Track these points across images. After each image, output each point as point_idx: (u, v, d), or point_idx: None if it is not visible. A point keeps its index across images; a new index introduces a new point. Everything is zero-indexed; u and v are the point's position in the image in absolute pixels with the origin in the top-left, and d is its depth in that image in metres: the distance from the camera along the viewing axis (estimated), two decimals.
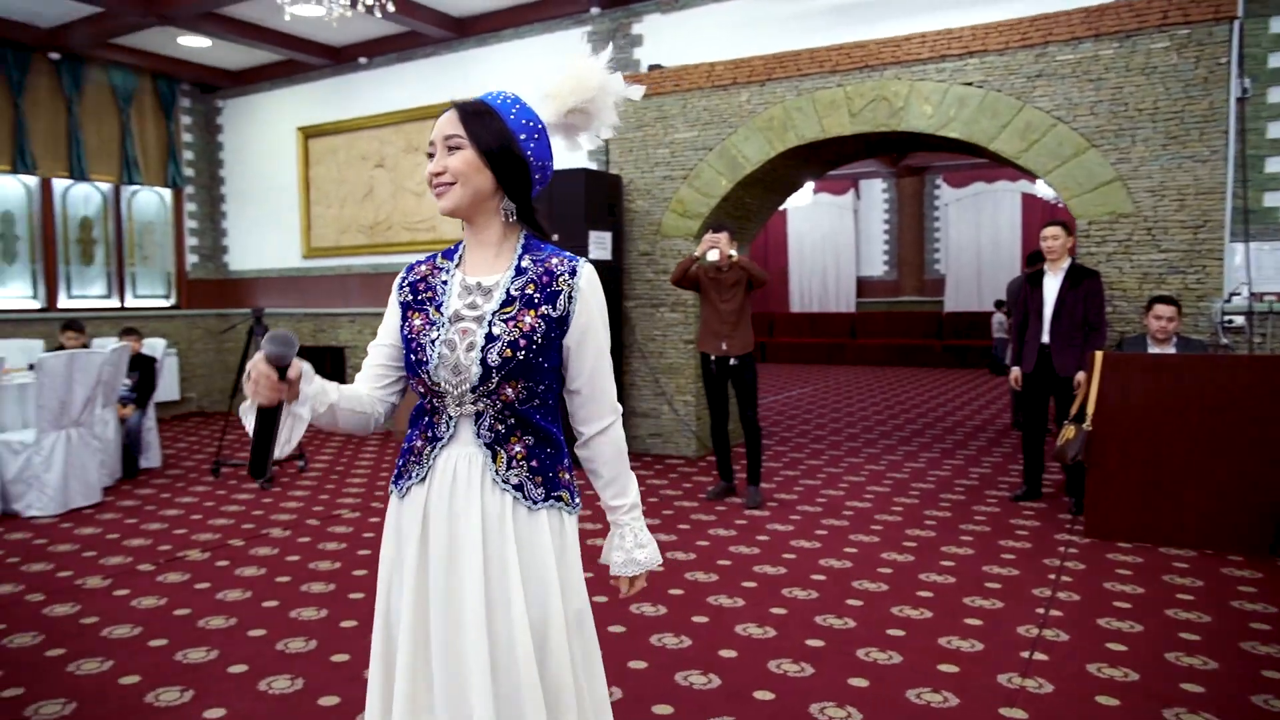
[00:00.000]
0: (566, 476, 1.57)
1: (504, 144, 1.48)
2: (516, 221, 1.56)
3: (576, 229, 6.50)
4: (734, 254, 5.18)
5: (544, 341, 1.47)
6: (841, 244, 17.45)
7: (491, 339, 1.46)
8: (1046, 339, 5.05)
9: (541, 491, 1.51)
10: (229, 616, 3.52)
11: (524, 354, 1.45)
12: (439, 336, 1.49)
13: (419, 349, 1.50)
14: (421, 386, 1.52)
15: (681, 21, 7.03)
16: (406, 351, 1.53)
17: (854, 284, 17.41)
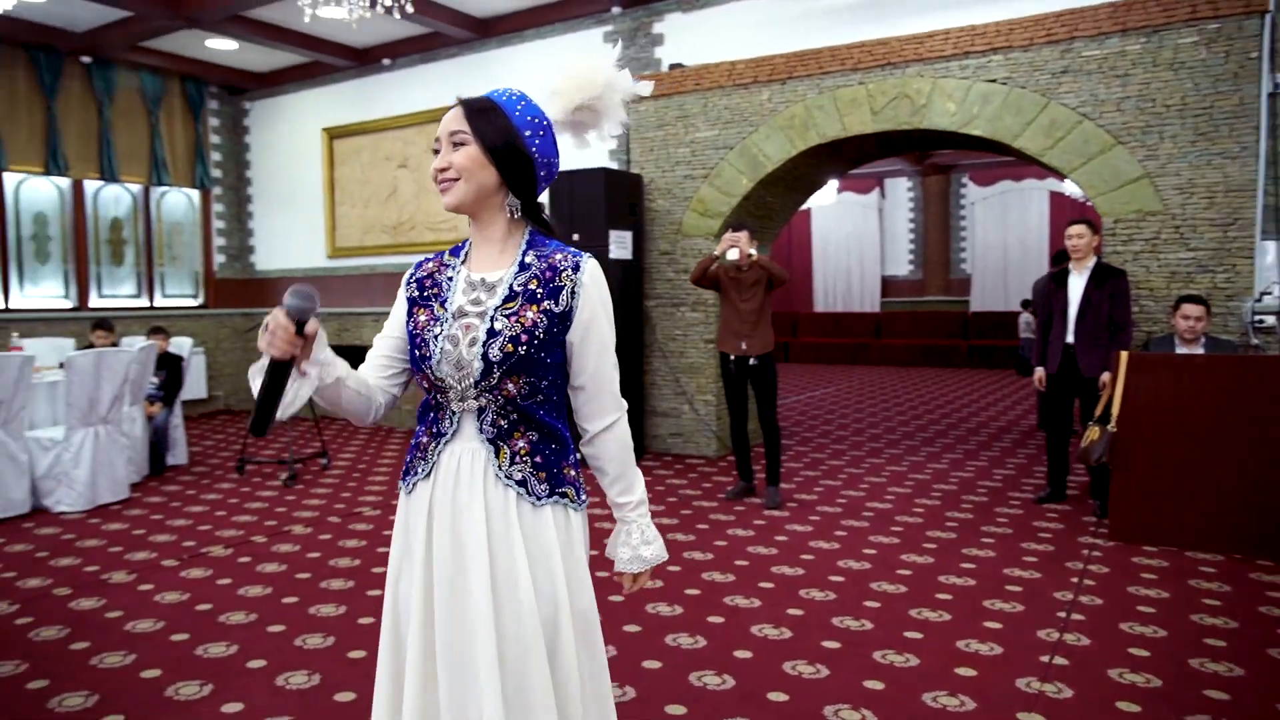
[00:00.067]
0: (572, 473, 1.56)
1: (508, 141, 1.49)
2: (521, 218, 1.57)
3: (597, 228, 6.51)
4: (753, 253, 5.16)
5: (546, 337, 1.47)
6: (866, 243, 17.33)
7: (493, 334, 1.46)
8: (1071, 339, 4.99)
9: (545, 487, 1.51)
10: (249, 612, 3.56)
11: (525, 349, 1.45)
12: (442, 332, 1.49)
13: (423, 344, 1.51)
14: (426, 382, 1.53)
15: (702, 20, 7.02)
16: (411, 347, 1.54)
17: (878, 283, 17.28)
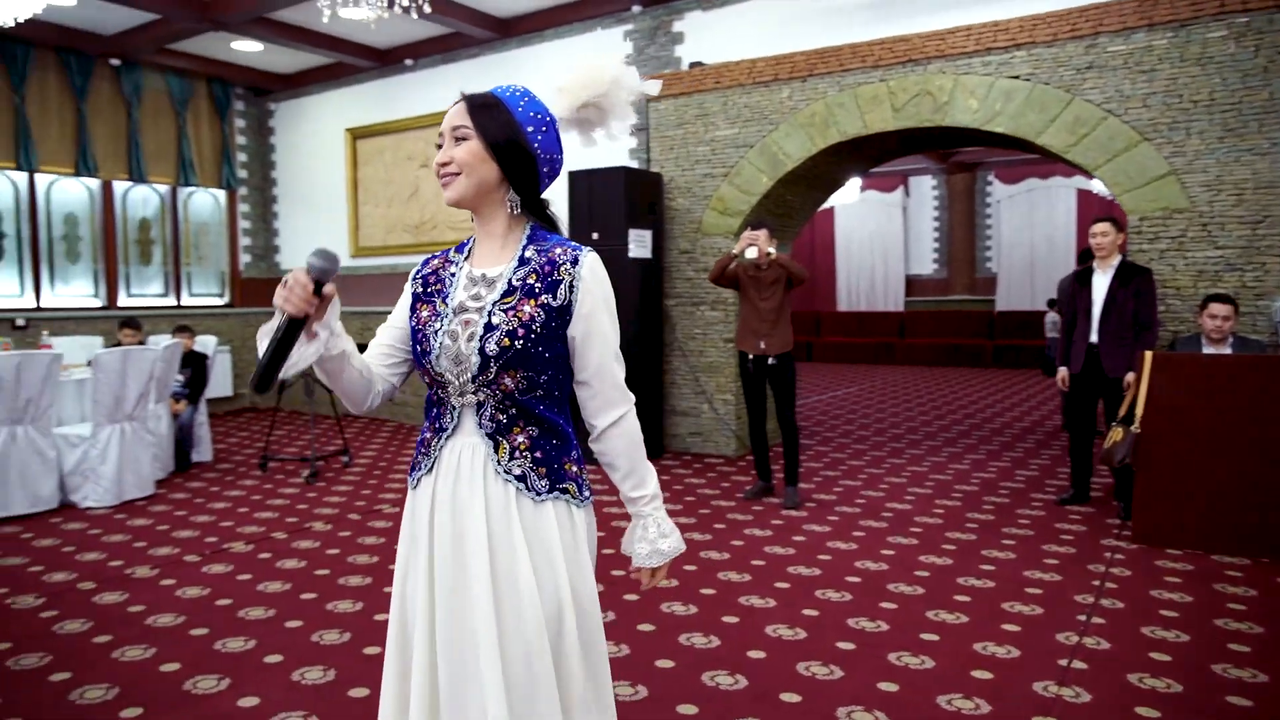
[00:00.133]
0: (574, 469, 1.55)
1: (510, 136, 1.49)
2: (523, 213, 1.57)
3: (617, 227, 6.51)
4: (772, 251, 5.14)
5: (543, 331, 1.47)
6: (890, 242, 17.19)
7: (490, 328, 1.46)
8: (1094, 338, 4.92)
9: (546, 483, 1.50)
10: (268, 608, 3.60)
11: (522, 343, 1.45)
12: (442, 327, 1.51)
13: (424, 339, 1.52)
14: (427, 377, 1.54)
15: (722, 18, 6.99)
16: (414, 342, 1.56)
17: (903, 282, 17.13)
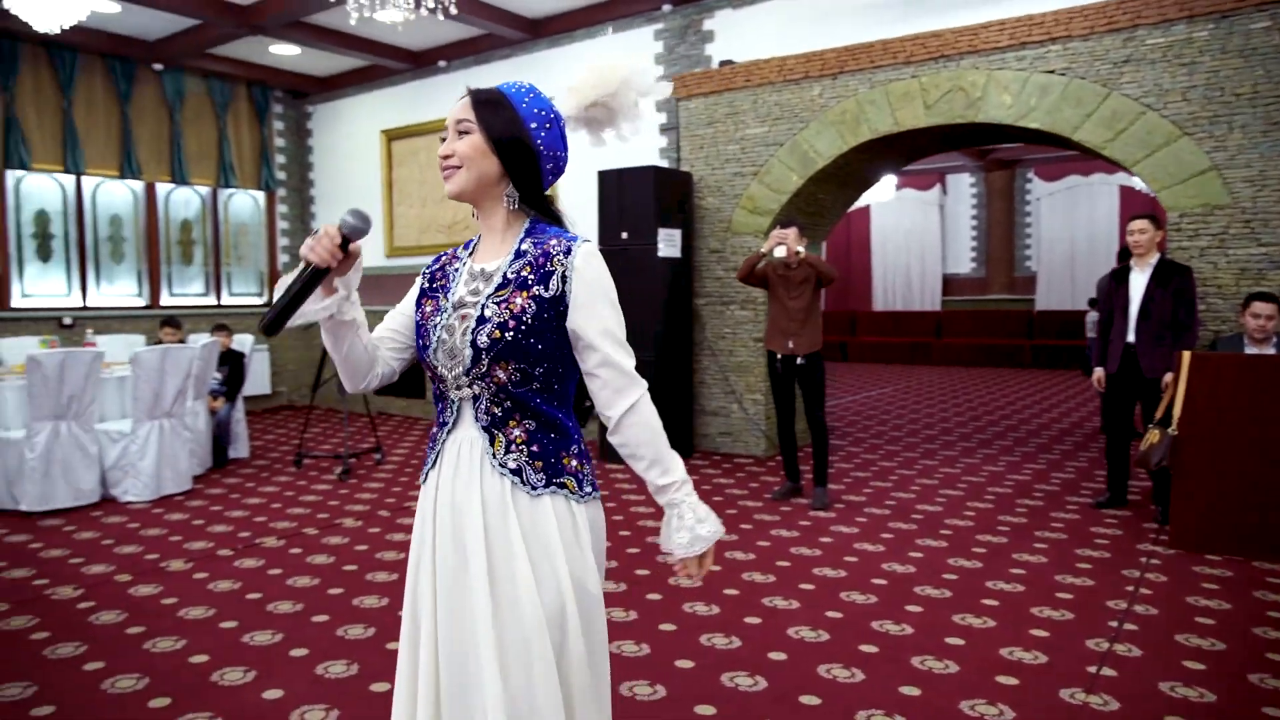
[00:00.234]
0: (573, 464, 1.54)
1: (513, 132, 1.50)
2: (523, 208, 1.57)
3: (646, 226, 6.52)
4: (801, 250, 5.10)
5: (534, 322, 1.47)
6: (927, 241, 16.96)
7: (483, 321, 1.48)
8: (1132, 338, 4.81)
9: (542, 477, 1.50)
10: (296, 602, 3.66)
11: (513, 335, 1.46)
12: (441, 322, 1.53)
13: (425, 334, 1.56)
14: (429, 371, 1.57)
15: (752, 16, 6.95)
16: (417, 336, 1.59)
17: (939, 282, 16.88)
